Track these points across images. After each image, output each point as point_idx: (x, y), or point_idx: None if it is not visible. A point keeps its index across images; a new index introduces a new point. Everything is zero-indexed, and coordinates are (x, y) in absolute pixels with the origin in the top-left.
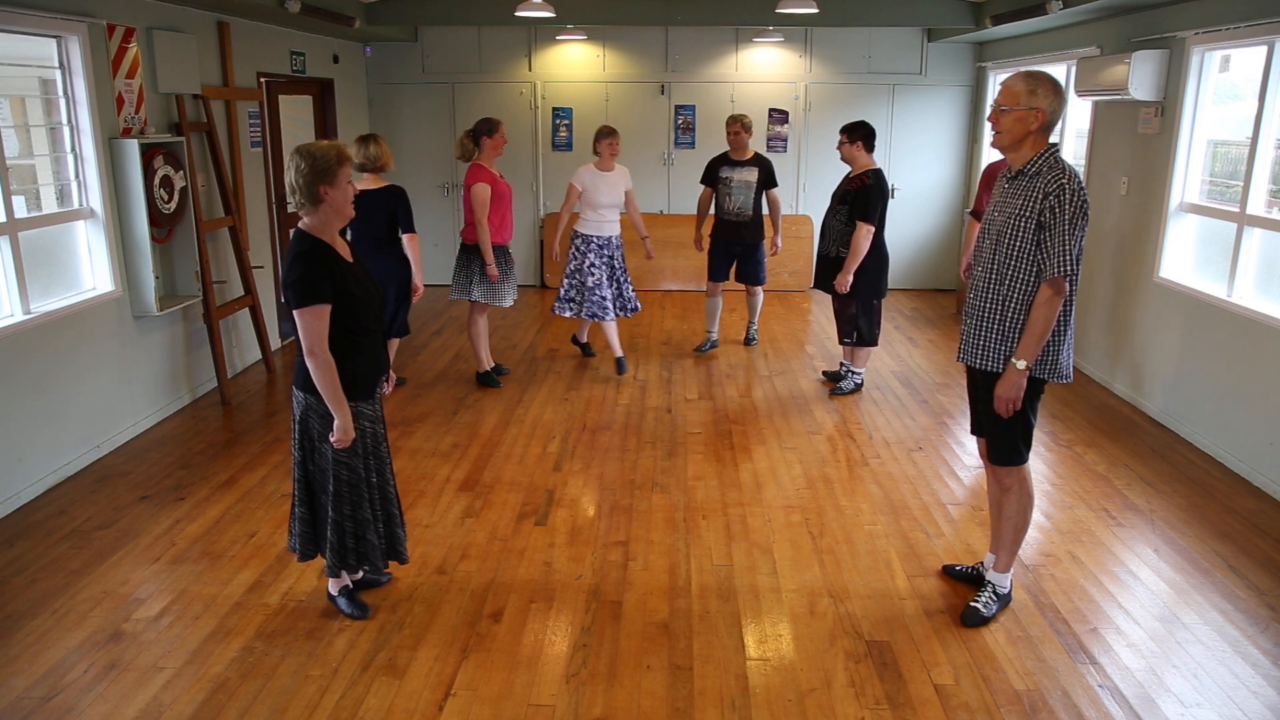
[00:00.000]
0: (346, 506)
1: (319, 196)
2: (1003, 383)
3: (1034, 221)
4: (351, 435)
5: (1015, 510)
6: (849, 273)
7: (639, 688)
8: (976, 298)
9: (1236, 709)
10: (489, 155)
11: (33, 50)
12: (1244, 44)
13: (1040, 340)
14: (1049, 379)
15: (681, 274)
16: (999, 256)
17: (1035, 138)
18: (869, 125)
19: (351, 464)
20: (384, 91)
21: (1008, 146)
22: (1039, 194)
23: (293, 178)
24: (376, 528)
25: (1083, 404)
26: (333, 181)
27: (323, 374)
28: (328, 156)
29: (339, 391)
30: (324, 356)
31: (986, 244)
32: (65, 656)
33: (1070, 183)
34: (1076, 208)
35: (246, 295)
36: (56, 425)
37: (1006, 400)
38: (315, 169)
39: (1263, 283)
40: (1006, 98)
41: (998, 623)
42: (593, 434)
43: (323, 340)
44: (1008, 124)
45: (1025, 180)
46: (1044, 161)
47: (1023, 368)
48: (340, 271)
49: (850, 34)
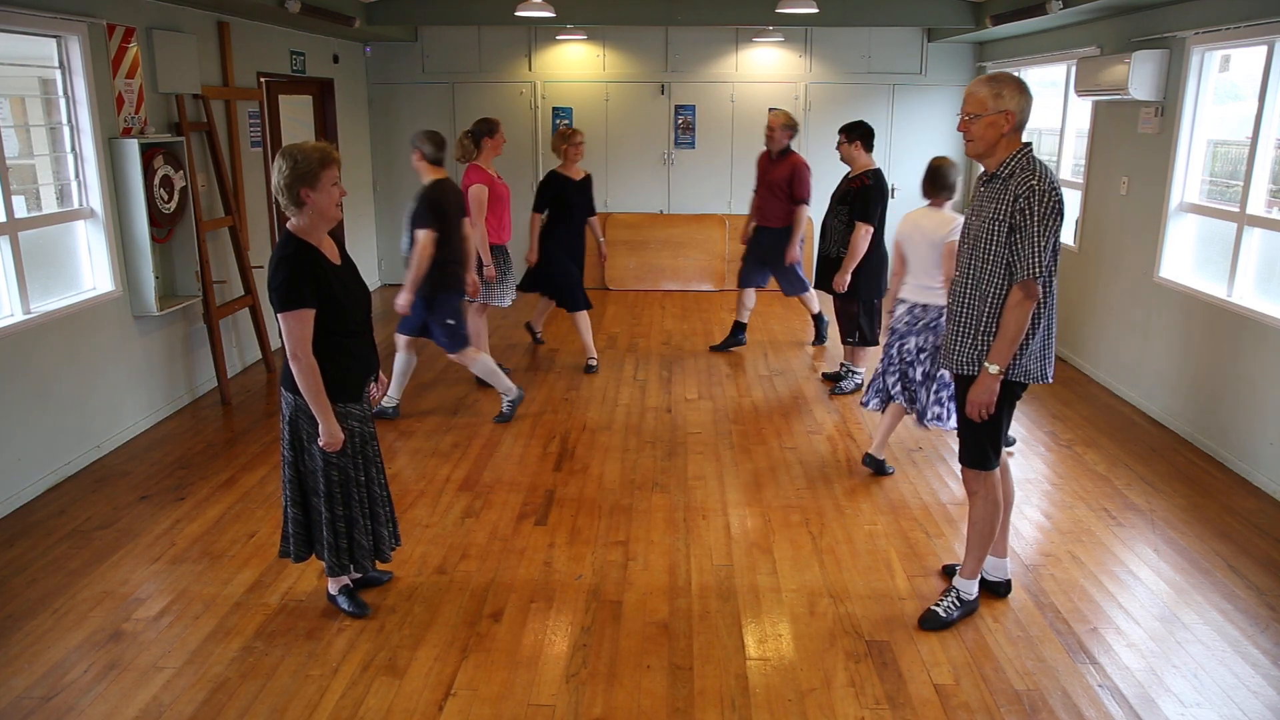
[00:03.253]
0: (339, 506)
1: (300, 199)
2: (975, 387)
3: (1006, 224)
4: (339, 438)
5: (980, 516)
6: (847, 272)
7: (639, 688)
8: (954, 301)
9: (1236, 709)
10: (488, 156)
11: (33, 50)
12: (1244, 44)
13: (1012, 344)
14: (1025, 381)
15: (682, 274)
16: (974, 260)
17: (1008, 139)
18: (867, 125)
19: (341, 464)
20: (384, 91)
21: (983, 153)
22: (1010, 196)
23: (276, 179)
24: (365, 527)
25: (1083, 404)
26: (314, 185)
27: (306, 378)
28: (310, 159)
29: (322, 396)
30: (307, 360)
31: (964, 248)
32: (65, 656)
33: (1041, 184)
34: (1048, 209)
35: (246, 295)
36: (56, 425)
37: (979, 405)
38: (296, 172)
39: (1263, 282)
40: (974, 105)
41: (998, 622)
42: (593, 434)
43: (306, 344)
44: (980, 130)
45: (999, 183)
46: (1017, 163)
47: (995, 372)
48: (325, 275)
49: (850, 34)
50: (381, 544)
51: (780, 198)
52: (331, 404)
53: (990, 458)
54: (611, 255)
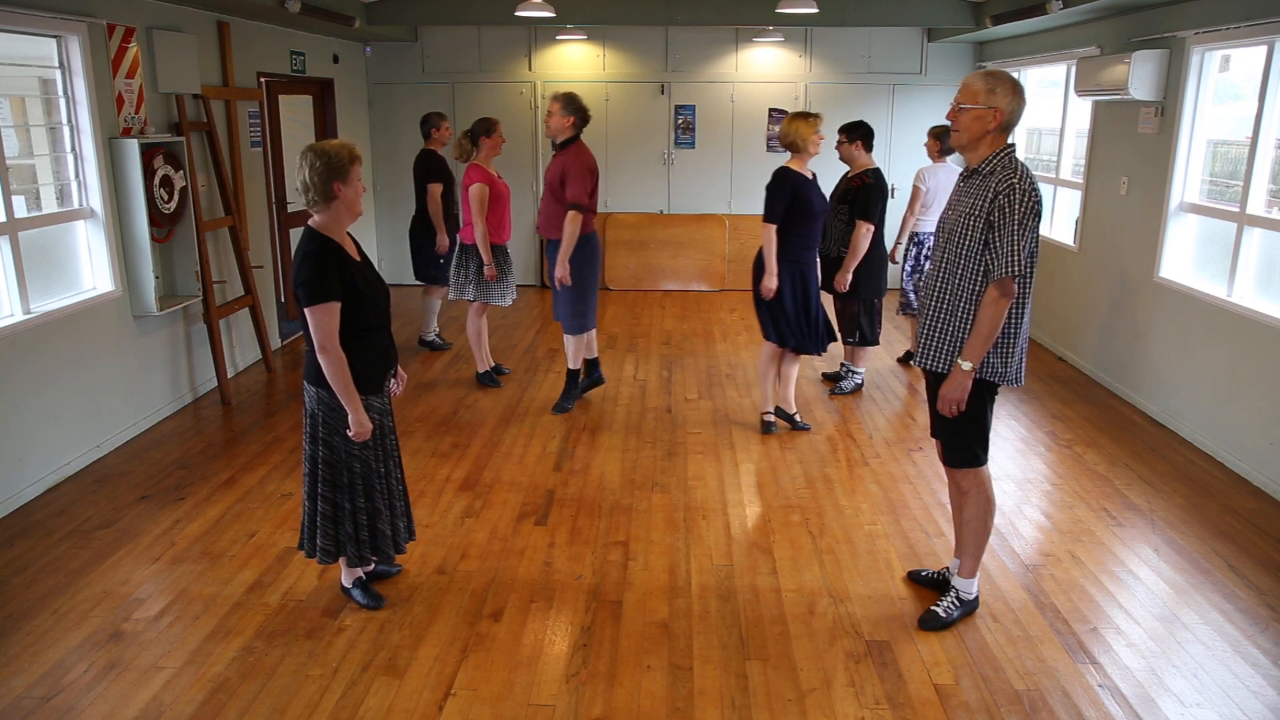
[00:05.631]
0: (361, 498)
1: (333, 194)
2: (947, 383)
3: (984, 221)
4: (369, 428)
5: (974, 514)
6: (848, 271)
7: (639, 687)
8: (928, 298)
9: (1236, 709)
10: (487, 155)
11: (33, 50)
12: (1244, 44)
13: (986, 341)
14: (998, 382)
15: (682, 274)
16: (950, 256)
17: (993, 137)
18: (867, 125)
19: (363, 456)
20: (384, 91)
21: (965, 145)
22: (990, 193)
23: (306, 176)
24: (386, 517)
25: (1083, 404)
26: (345, 179)
27: (335, 370)
28: (340, 155)
29: (351, 387)
30: (335, 353)
31: (940, 243)
32: (65, 656)
33: (1021, 182)
34: (1027, 208)
35: (246, 295)
36: (56, 425)
37: (950, 401)
38: (330, 166)
39: (1263, 282)
40: (966, 96)
41: (998, 622)
42: (593, 434)
43: (333, 337)
44: (966, 122)
45: (979, 179)
46: (998, 161)
47: (968, 369)
48: (349, 269)
49: (850, 34)
50: (398, 535)
51: (558, 200)
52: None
53: (978, 454)
54: (611, 255)
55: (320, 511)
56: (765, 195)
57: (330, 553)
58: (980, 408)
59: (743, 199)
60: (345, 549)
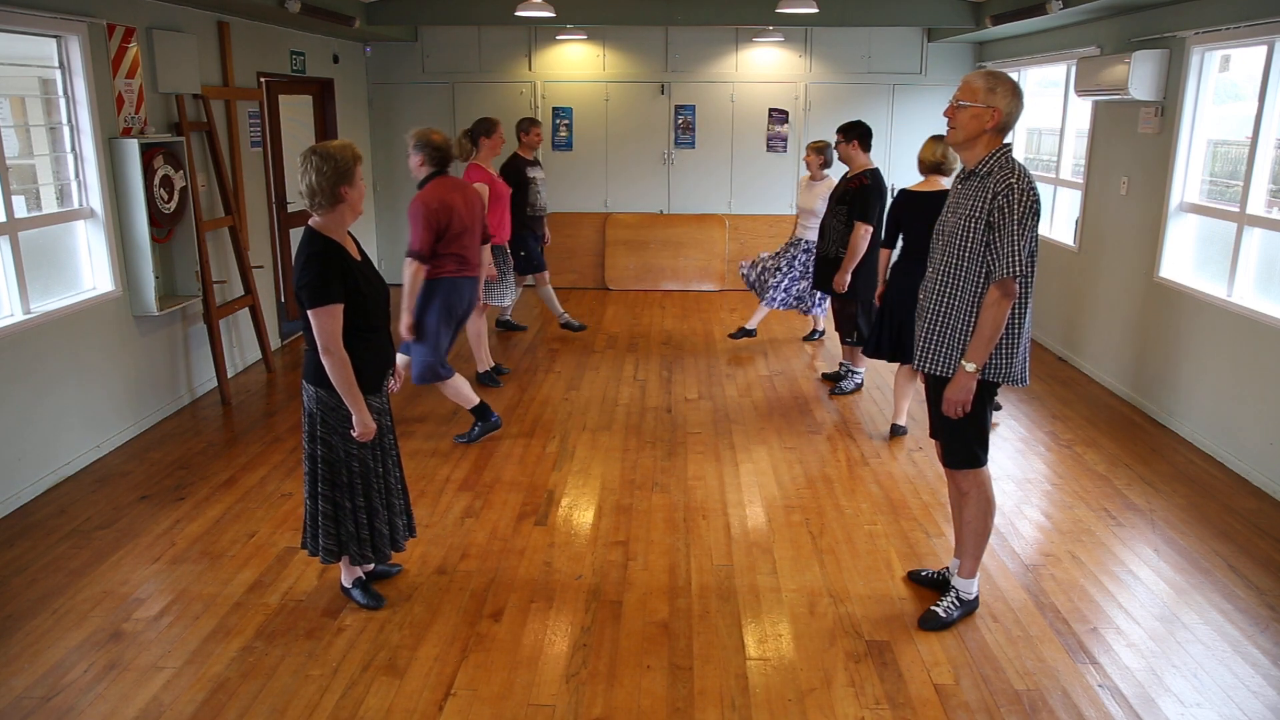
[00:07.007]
0: (360, 497)
1: (340, 196)
2: (952, 386)
3: (983, 222)
4: (373, 428)
5: (975, 515)
6: (846, 272)
7: (639, 688)
8: (927, 300)
9: (1236, 709)
10: (487, 155)
11: (33, 50)
12: (1244, 44)
13: (989, 343)
14: (1001, 381)
15: (682, 274)
16: (950, 258)
17: (989, 137)
18: (865, 125)
19: (361, 455)
20: (384, 91)
21: (962, 143)
22: (989, 194)
23: (313, 179)
24: (384, 516)
25: (1083, 404)
26: (351, 181)
27: (339, 371)
28: (345, 157)
29: (355, 387)
30: (339, 354)
31: (939, 245)
32: (65, 656)
33: (1019, 182)
34: (1026, 208)
35: (246, 295)
36: (56, 425)
37: (955, 403)
38: (338, 170)
39: (1263, 283)
40: (965, 93)
41: (998, 622)
42: (593, 434)
43: (337, 338)
44: (963, 120)
45: (977, 180)
46: (995, 161)
47: (972, 370)
48: (350, 270)
49: (850, 34)
50: (396, 533)
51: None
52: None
53: (978, 455)
54: (611, 255)
55: (321, 511)
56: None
57: (333, 552)
58: (981, 408)
59: (743, 199)
60: (348, 548)
